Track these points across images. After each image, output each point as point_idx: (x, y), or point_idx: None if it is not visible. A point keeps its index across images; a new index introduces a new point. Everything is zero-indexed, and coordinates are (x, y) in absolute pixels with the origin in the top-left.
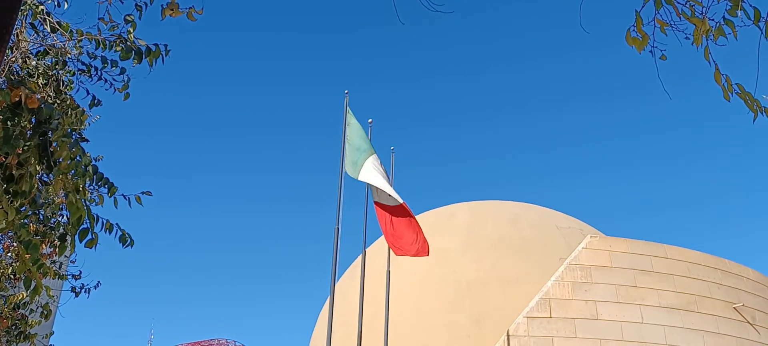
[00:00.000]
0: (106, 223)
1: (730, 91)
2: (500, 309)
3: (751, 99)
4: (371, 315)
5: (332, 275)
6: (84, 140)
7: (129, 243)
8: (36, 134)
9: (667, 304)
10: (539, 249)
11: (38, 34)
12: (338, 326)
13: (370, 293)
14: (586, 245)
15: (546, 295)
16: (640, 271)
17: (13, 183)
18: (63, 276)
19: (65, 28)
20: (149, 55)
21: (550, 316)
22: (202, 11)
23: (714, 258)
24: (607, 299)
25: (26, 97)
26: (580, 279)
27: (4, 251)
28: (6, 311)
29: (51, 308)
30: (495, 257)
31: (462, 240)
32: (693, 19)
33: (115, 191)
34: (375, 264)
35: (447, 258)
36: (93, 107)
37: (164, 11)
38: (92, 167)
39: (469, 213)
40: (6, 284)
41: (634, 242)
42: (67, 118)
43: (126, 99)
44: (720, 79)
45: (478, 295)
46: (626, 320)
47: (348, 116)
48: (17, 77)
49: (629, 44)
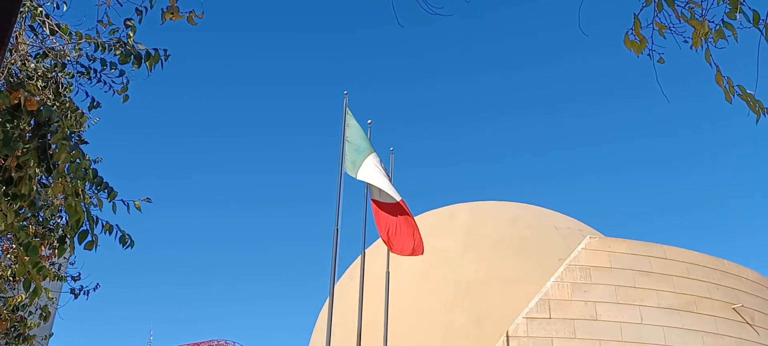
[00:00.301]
0: (106, 224)
1: (731, 93)
2: (500, 310)
3: (753, 100)
4: (371, 315)
5: (332, 275)
6: (83, 143)
7: (129, 244)
8: (35, 137)
9: (666, 305)
10: (538, 250)
11: (37, 37)
12: (338, 327)
13: (370, 294)
14: (585, 246)
15: (545, 295)
16: (639, 272)
17: (13, 186)
18: (62, 278)
19: (64, 31)
20: (148, 59)
21: (549, 317)
22: (202, 15)
23: (713, 259)
24: (606, 299)
25: (25, 100)
26: (579, 280)
27: (3, 253)
28: (5, 313)
29: (50, 309)
30: (494, 257)
31: (461, 241)
32: (692, 22)
33: (114, 195)
34: (374, 265)
35: (446, 258)
36: (92, 109)
37: (164, 15)
38: (92, 171)
39: (468, 214)
40: (5, 286)
41: (633, 242)
42: (66, 121)
43: (125, 101)
44: (721, 82)
45: (477, 295)
46: (625, 320)
47: (347, 117)
48: (16, 80)
49: (628, 48)
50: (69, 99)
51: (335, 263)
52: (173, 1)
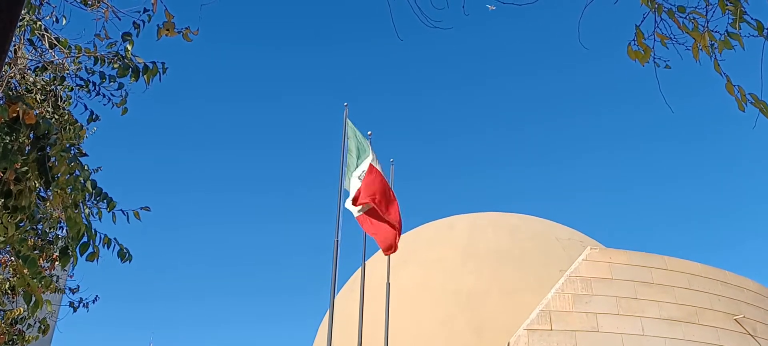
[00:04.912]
0: (104, 238)
1: (743, 101)
2: (500, 321)
3: (766, 107)
4: (371, 327)
5: (332, 287)
6: (83, 155)
7: (127, 258)
8: (34, 150)
9: (667, 316)
10: (539, 261)
11: (36, 50)
12: (338, 339)
13: (370, 305)
14: (586, 257)
15: (546, 307)
16: (641, 283)
17: (12, 198)
18: (61, 290)
19: (64, 44)
20: (146, 72)
21: (550, 328)
22: (197, 32)
23: (714, 270)
24: (607, 311)
25: (24, 113)
26: (580, 291)
27: (2, 267)
28: (3, 326)
29: (49, 322)
30: (495, 268)
31: (461, 251)
32: (693, 33)
33: (114, 206)
34: (374, 276)
35: (446, 269)
36: (91, 122)
37: (160, 31)
38: (91, 182)
39: (468, 224)
40: (4, 299)
41: (634, 253)
42: (65, 134)
43: (124, 114)
44: (733, 90)
45: (477, 306)
46: (627, 332)
47: (348, 129)
48: (15, 93)
49: (632, 58)
50: (68, 112)
51: (335, 274)
52: (169, 17)
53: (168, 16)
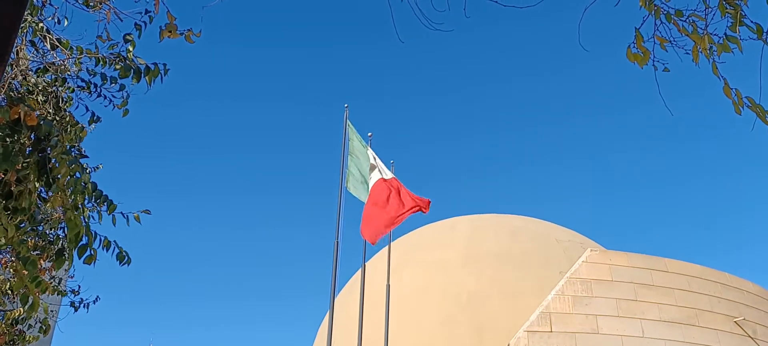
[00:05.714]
0: (104, 240)
1: (740, 104)
2: (500, 322)
3: (762, 111)
4: (371, 329)
5: (332, 289)
6: (84, 156)
7: (126, 261)
8: (35, 151)
9: (667, 318)
10: (539, 262)
11: (38, 52)
12: (338, 340)
13: (370, 307)
14: (586, 259)
15: (546, 309)
16: (641, 285)
17: (13, 200)
18: (62, 292)
19: (65, 45)
20: (148, 74)
21: (550, 330)
22: (200, 33)
23: (714, 272)
24: (607, 312)
25: (25, 115)
26: (580, 293)
27: (2, 267)
28: (3, 326)
29: (50, 323)
30: (495, 270)
31: (462, 253)
32: (693, 36)
33: (114, 208)
34: (375, 278)
35: (447, 271)
36: (92, 124)
37: (162, 33)
38: (91, 185)
39: (469, 226)
40: (4, 300)
41: (634, 255)
42: (66, 135)
43: (125, 115)
44: (730, 93)
45: (478, 308)
46: (627, 334)
47: (349, 131)
48: (17, 94)
49: (631, 61)
50: (69, 113)
51: (335, 276)
52: (171, 19)
53: (170, 17)
